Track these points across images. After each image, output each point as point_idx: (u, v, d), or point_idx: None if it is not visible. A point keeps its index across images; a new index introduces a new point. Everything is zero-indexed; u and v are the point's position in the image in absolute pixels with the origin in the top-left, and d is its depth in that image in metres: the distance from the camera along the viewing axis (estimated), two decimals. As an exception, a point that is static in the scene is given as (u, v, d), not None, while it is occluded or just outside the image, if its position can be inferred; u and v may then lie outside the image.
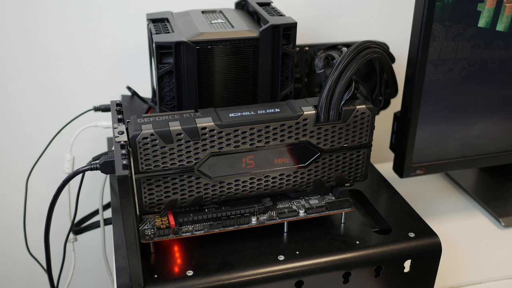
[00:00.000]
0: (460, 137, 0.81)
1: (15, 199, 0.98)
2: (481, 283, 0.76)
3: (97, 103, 0.82)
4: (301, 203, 0.64)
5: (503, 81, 0.79)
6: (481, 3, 0.72)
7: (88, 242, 1.00)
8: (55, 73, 0.93)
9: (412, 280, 0.63)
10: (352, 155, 0.64)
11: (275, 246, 0.60)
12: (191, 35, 0.62)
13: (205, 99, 0.65)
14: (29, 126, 0.96)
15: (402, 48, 0.80)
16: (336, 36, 0.99)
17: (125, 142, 0.53)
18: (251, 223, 0.60)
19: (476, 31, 0.73)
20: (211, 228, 0.59)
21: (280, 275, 0.57)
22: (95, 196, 0.82)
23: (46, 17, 0.89)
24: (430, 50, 0.72)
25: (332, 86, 0.59)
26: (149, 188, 0.58)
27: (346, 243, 0.61)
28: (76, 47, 0.92)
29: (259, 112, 0.59)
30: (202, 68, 0.63)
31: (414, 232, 0.63)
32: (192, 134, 0.56)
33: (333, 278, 0.59)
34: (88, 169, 0.57)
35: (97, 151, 0.67)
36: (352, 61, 0.59)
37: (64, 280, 0.91)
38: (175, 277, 0.55)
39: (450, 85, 0.76)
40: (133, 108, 0.86)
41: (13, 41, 0.89)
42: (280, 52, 0.65)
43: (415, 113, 0.76)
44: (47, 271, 0.71)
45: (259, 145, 0.59)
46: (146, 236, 0.57)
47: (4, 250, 1.06)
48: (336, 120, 0.61)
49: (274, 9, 0.70)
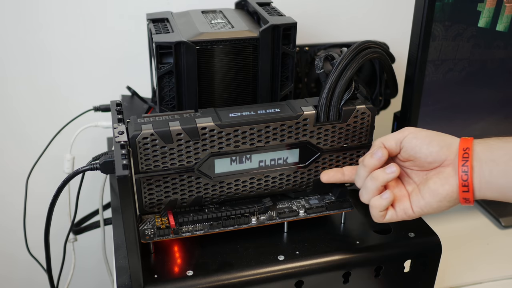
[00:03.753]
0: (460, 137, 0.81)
1: (15, 199, 0.98)
2: (481, 283, 0.76)
3: (97, 103, 0.82)
4: (301, 203, 0.64)
5: (503, 81, 0.79)
6: (481, 3, 0.72)
7: (88, 242, 1.00)
8: (55, 73, 0.93)
9: (412, 280, 0.63)
10: (352, 155, 0.64)
11: (275, 246, 0.60)
12: (191, 35, 0.62)
13: (205, 99, 0.65)
14: (29, 126, 0.96)
15: (402, 47, 0.80)
16: (336, 36, 0.99)
17: (125, 142, 0.53)
18: (251, 223, 0.60)
19: (476, 31, 0.73)
20: (211, 228, 0.59)
21: (280, 275, 0.57)
22: (95, 196, 0.82)
23: (47, 17, 0.89)
24: (430, 50, 0.72)
25: (332, 86, 0.59)
26: (149, 188, 0.58)
27: (346, 243, 0.61)
28: (76, 47, 0.92)
29: (259, 112, 0.59)
30: (202, 68, 0.63)
31: (414, 232, 0.63)
32: (192, 134, 0.56)
33: (333, 278, 0.59)
34: (88, 169, 0.57)
35: (97, 151, 0.67)
36: (352, 61, 0.59)
37: (64, 280, 0.91)
38: (175, 277, 0.55)
39: (450, 85, 0.76)
40: (133, 108, 0.86)
41: (14, 41, 0.89)
42: (280, 52, 0.65)
43: (415, 113, 0.76)
44: (47, 271, 0.71)
45: (259, 145, 0.59)
46: (146, 236, 0.57)
47: (4, 250, 1.06)
48: (336, 120, 0.61)
49: (274, 9, 0.70)
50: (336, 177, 0.61)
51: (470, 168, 0.51)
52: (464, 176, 0.51)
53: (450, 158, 0.53)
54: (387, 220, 0.56)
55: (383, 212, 0.55)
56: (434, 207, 0.53)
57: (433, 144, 0.53)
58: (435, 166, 0.54)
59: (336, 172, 0.61)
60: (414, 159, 0.55)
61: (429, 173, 0.55)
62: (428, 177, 0.54)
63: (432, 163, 0.54)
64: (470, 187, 0.51)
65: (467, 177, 0.51)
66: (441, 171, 0.53)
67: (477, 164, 0.51)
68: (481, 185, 0.51)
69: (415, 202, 0.55)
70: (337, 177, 0.61)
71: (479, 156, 0.51)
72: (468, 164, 0.51)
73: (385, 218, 0.55)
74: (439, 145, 0.53)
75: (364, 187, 0.56)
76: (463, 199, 0.52)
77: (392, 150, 0.56)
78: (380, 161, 0.55)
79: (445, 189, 0.52)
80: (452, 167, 0.52)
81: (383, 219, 0.55)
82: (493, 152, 0.51)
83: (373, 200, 0.55)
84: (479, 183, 0.51)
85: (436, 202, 0.53)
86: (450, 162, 0.53)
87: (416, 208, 0.54)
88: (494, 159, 0.50)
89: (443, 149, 0.53)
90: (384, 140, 0.56)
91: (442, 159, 0.53)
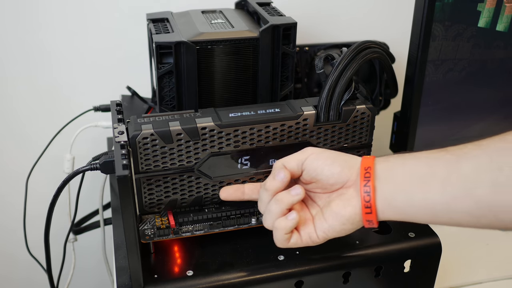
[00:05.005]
0: (460, 137, 0.81)
1: (15, 199, 0.98)
2: (481, 283, 0.76)
3: (97, 103, 0.82)
4: (301, 203, 0.64)
5: (503, 81, 0.79)
6: (481, 3, 0.72)
7: (88, 242, 1.00)
8: (55, 73, 0.93)
9: (412, 280, 0.63)
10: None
11: (275, 246, 0.60)
12: (191, 35, 0.62)
13: (205, 99, 0.65)
14: (29, 126, 0.96)
15: (402, 47, 0.80)
16: (336, 36, 0.99)
17: (125, 142, 0.53)
18: (251, 223, 0.60)
19: (476, 31, 0.73)
20: (211, 228, 0.59)
21: (280, 275, 0.57)
22: (95, 196, 0.82)
23: (46, 16, 0.89)
24: (430, 50, 0.72)
25: (332, 86, 0.59)
26: (149, 188, 0.58)
27: (346, 243, 0.61)
28: (75, 47, 0.92)
29: (259, 112, 0.59)
30: (202, 68, 0.63)
31: (414, 232, 0.63)
32: (192, 134, 0.56)
33: (333, 278, 0.59)
34: (88, 169, 0.57)
35: (97, 151, 0.67)
36: (352, 61, 0.59)
37: (64, 280, 0.91)
38: (175, 277, 0.55)
39: (450, 85, 0.76)
40: (133, 108, 0.86)
41: (13, 41, 0.89)
42: (280, 52, 0.65)
43: (415, 113, 0.76)
44: (47, 271, 0.71)
45: (259, 145, 0.59)
46: (146, 236, 0.57)
47: (4, 250, 1.06)
48: (336, 120, 0.61)
49: (274, 9, 0.70)
50: (235, 195, 0.59)
51: (372, 188, 0.49)
52: (367, 197, 0.49)
53: (352, 179, 0.51)
54: (291, 245, 0.52)
55: (288, 235, 0.52)
56: (337, 230, 0.51)
57: (335, 165, 0.51)
58: (337, 187, 0.52)
59: (235, 190, 0.59)
60: (316, 181, 0.52)
61: (332, 195, 0.52)
62: (330, 199, 0.52)
63: (334, 185, 0.52)
64: (373, 209, 0.49)
65: (370, 197, 0.49)
66: (343, 192, 0.51)
67: (379, 184, 0.49)
68: (383, 207, 0.49)
69: (318, 226, 0.52)
70: (236, 195, 0.58)
71: (379, 175, 0.49)
72: (370, 184, 0.49)
73: (290, 242, 0.52)
74: (341, 166, 0.51)
75: (268, 211, 0.52)
76: (366, 221, 0.50)
77: (294, 171, 0.53)
78: (283, 182, 0.52)
79: (347, 211, 0.50)
80: (354, 188, 0.50)
81: (287, 242, 0.52)
82: (393, 171, 0.49)
83: (277, 221, 0.51)
84: (382, 205, 0.49)
85: (339, 225, 0.51)
86: (352, 183, 0.51)
87: (320, 232, 0.52)
88: (394, 178, 0.48)
89: (345, 169, 0.51)
90: (285, 162, 0.53)
91: (344, 180, 0.51)
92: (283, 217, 0.52)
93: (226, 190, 0.59)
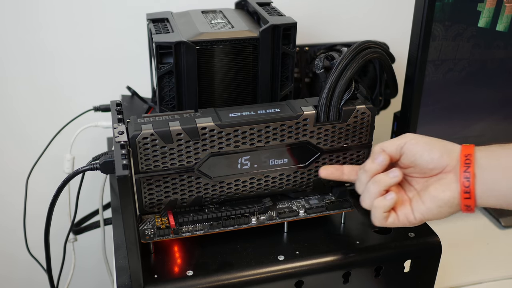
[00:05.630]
0: (460, 137, 0.81)
1: (15, 199, 0.98)
2: (481, 283, 0.76)
3: (97, 103, 0.82)
4: (301, 203, 0.64)
5: (503, 81, 0.79)
6: (481, 3, 0.72)
7: (88, 242, 1.00)
8: (55, 73, 0.93)
9: (412, 280, 0.63)
10: (352, 155, 0.64)
11: (275, 246, 0.60)
12: (191, 35, 0.62)
13: (205, 99, 0.65)
14: (29, 126, 0.96)
15: (402, 47, 0.80)
16: (336, 36, 0.99)
17: (125, 142, 0.53)
18: (251, 223, 0.60)
19: (476, 31, 0.73)
20: (211, 228, 0.59)
21: (280, 275, 0.57)
22: (95, 196, 0.82)
23: (47, 16, 0.89)
24: (430, 50, 0.72)
25: (332, 86, 0.59)
26: (149, 188, 0.58)
27: (346, 243, 0.61)
28: (76, 47, 0.92)
29: (259, 112, 0.59)
30: (202, 68, 0.63)
31: (414, 232, 0.63)
32: (192, 134, 0.56)
33: (333, 278, 0.59)
34: (88, 169, 0.57)
35: (97, 151, 0.67)
36: (352, 61, 0.59)
37: (64, 280, 0.91)
38: (175, 277, 0.55)
39: (450, 85, 0.76)
40: (133, 108, 0.86)
41: (14, 41, 0.89)
42: (280, 52, 0.65)
43: (415, 113, 0.76)
44: (47, 271, 0.71)
45: (259, 145, 0.59)
46: (146, 236, 0.57)
47: (4, 250, 1.06)
48: (336, 120, 0.61)
49: (274, 9, 0.70)
50: (336, 174, 0.60)
51: (472, 174, 0.50)
52: (466, 182, 0.51)
53: (451, 164, 0.52)
54: (389, 224, 0.55)
55: (386, 214, 0.54)
56: (434, 213, 0.53)
57: (434, 150, 0.53)
58: (436, 172, 0.54)
59: (336, 169, 0.60)
60: (414, 166, 0.55)
61: (430, 179, 0.54)
62: (429, 183, 0.54)
63: (433, 170, 0.54)
64: (472, 194, 0.51)
65: (469, 183, 0.50)
66: (443, 177, 0.53)
67: (479, 171, 0.50)
68: (483, 192, 0.50)
69: (416, 208, 0.54)
70: (336, 174, 0.60)
71: (481, 163, 0.51)
72: (470, 171, 0.50)
73: (387, 221, 0.54)
74: (440, 152, 0.53)
75: (367, 191, 0.55)
76: (464, 206, 0.51)
77: (392, 156, 0.55)
78: (382, 165, 0.54)
79: (446, 195, 0.52)
80: (454, 173, 0.52)
81: (385, 221, 0.54)
82: (495, 159, 0.51)
83: (376, 201, 0.53)
84: (481, 190, 0.50)
85: (436, 207, 0.53)
86: (451, 168, 0.52)
87: (417, 214, 0.54)
88: (497, 166, 0.50)
89: (444, 155, 0.53)
90: (384, 146, 0.56)
91: (444, 165, 0.53)
92: (381, 197, 0.54)
93: (327, 168, 0.60)
